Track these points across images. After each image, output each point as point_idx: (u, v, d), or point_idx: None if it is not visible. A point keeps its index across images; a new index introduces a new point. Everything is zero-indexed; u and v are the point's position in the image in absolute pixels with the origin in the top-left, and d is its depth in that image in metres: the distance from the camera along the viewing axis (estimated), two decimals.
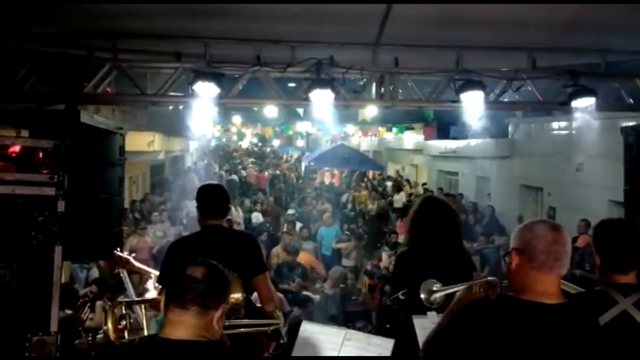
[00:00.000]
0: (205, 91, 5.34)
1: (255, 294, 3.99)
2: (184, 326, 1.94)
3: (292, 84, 9.24)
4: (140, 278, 9.24)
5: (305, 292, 8.65)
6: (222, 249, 3.56)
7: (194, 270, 2.00)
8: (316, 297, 8.51)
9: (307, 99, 5.65)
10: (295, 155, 33.53)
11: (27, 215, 3.28)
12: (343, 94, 5.88)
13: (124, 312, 3.19)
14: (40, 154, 3.26)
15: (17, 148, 3.28)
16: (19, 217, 3.28)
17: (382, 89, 6.02)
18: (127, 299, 3.47)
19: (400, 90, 6.11)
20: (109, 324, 3.05)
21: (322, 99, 5.54)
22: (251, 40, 5.62)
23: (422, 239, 3.79)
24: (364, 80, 6.22)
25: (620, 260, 2.59)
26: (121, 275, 5.43)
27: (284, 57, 5.72)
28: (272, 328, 3.43)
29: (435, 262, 3.55)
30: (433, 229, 3.76)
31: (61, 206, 3.34)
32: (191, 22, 5.18)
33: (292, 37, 5.59)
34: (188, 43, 5.61)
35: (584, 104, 5.89)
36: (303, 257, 9.92)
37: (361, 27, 5.40)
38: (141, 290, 5.40)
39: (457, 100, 5.88)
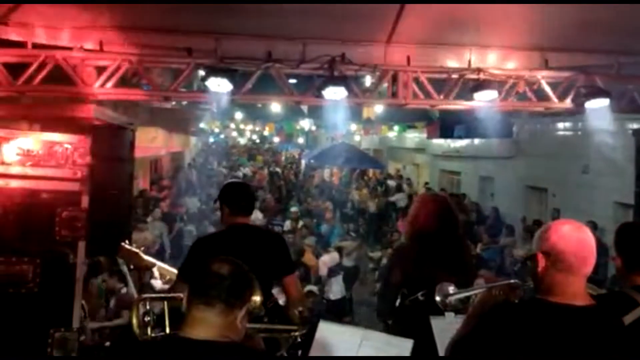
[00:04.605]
0: (218, 87, 5.29)
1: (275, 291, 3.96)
2: (206, 324, 1.89)
3: (293, 80, 9.20)
4: (139, 275, 9.22)
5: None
6: (251, 247, 3.51)
7: (220, 267, 1.96)
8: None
9: (319, 96, 5.61)
10: (295, 154, 33.50)
11: (51, 211, 3.25)
12: (355, 92, 5.85)
13: (147, 307, 3.16)
14: (64, 149, 3.22)
15: (40, 143, 3.25)
16: (43, 212, 3.25)
17: (395, 87, 5.98)
18: (150, 295, 3.42)
19: (412, 89, 6.07)
20: (134, 320, 3.03)
21: (335, 97, 5.50)
22: (263, 36, 5.57)
23: (421, 232, 3.83)
24: (375, 78, 6.18)
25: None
26: (122, 271, 5.42)
27: (296, 54, 5.67)
28: (294, 334, 3.36)
29: (433, 254, 3.64)
30: (431, 223, 3.79)
31: (85, 202, 3.31)
32: (202, 17, 5.14)
33: (304, 34, 5.55)
34: (199, 39, 5.55)
35: (598, 105, 5.86)
36: (306, 256, 9.91)
37: (374, 24, 5.36)
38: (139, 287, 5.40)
39: (471, 100, 5.85)
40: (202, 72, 5.54)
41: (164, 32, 5.47)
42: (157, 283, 4.35)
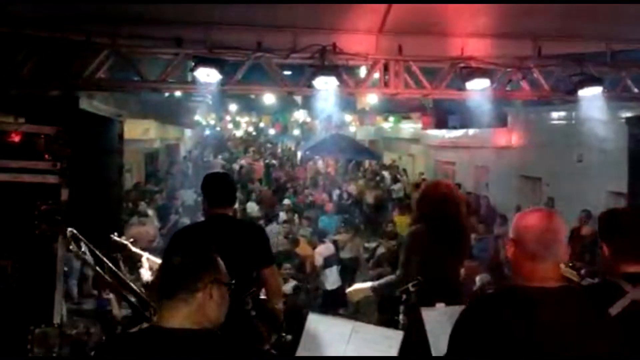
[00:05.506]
0: (207, 77, 5.24)
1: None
2: (175, 315, 1.95)
3: (287, 72, 9.16)
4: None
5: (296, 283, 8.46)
6: (229, 239, 3.47)
7: (175, 260, 2.02)
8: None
9: (310, 86, 5.56)
10: (291, 145, 33.39)
11: (30, 204, 3.19)
12: (347, 82, 5.80)
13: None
14: (43, 141, 3.16)
15: (18, 135, 3.18)
16: (22, 205, 3.19)
17: (387, 77, 5.93)
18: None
19: (404, 78, 6.02)
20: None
21: (326, 87, 5.45)
22: (253, 26, 5.51)
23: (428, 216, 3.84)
24: (368, 67, 6.13)
25: (629, 249, 2.54)
26: (118, 260, 5.37)
27: (286, 44, 5.62)
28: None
29: (443, 237, 3.68)
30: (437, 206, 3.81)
31: (65, 194, 3.25)
32: (192, 7, 5.07)
33: (295, 23, 5.50)
34: (188, 28, 5.49)
35: (591, 93, 5.83)
36: (301, 247, 9.92)
37: (365, 14, 5.31)
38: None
39: (463, 89, 5.81)
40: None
41: (153, 22, 5.40)
42: (147, 273, 4.33)
